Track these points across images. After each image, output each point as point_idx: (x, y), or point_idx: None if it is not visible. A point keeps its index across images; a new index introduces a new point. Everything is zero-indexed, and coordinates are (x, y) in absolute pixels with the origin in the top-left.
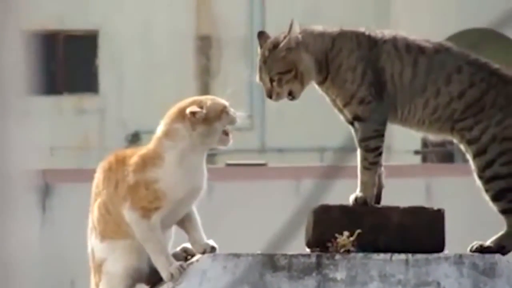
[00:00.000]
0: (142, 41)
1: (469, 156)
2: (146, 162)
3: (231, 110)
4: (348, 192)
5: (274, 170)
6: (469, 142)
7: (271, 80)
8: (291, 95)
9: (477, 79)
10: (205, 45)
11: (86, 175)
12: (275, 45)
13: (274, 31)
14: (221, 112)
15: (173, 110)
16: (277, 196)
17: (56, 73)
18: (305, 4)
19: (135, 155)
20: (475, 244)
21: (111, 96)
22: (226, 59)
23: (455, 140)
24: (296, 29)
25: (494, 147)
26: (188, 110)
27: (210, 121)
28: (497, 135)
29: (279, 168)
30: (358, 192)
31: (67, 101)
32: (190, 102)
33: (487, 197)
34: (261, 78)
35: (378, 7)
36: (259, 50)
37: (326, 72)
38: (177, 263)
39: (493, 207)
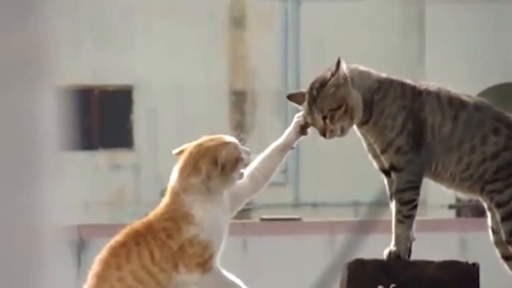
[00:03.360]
0: (176, 96)
1: (497, 219)
2: (178, 224)
3: (245, 156)
4: (382, 246)
5: (308, 224)
6: (497, 205)
7: (324, 118)
8: (342, 131)
9: None
10: (239, 100)
11: (121, 231)
12: (323, 83)
13: (308, 84)
14: (236, 161)
15: (187, 163)
16: (312, 250)
17: (91, 129)
18: (339, 55)
19: (158, 219)
20: None
21: (146, 151)
22: (260, 113)
23: (484, 202)
24: (344, 66)
25: None
26: (203, 169)
27: (226, 172)
28: None
29: (314, 222)
30: (392, 246)
31: (102, 157)
32: (203, 152)
33: (499, 254)
34: (313, 119)
35: (411, 59)
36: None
37: (369, 114)
38: None
39: None
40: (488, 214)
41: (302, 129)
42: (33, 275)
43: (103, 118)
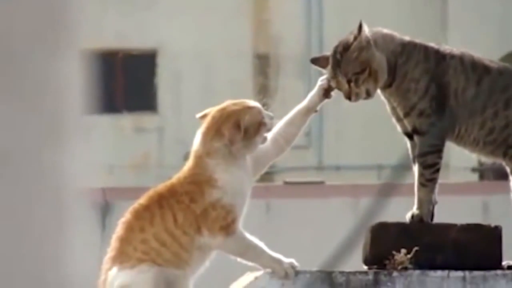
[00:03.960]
0: (200, 60)
1: None
2: (202, 187)
3: (268, 120)
4: (405, 210)
5: (331, 188)
6: None
7: (349, 82)
8: (368, 94)
9: None
10: (262, 64)
11: (145, 194)
12: (346, 47)
13: (332, 48)
14: (259, 126)
15: (210, 127)
16: (335, 214)
17: (115, 92)
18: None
19: (181, 183)
20: None
21: (170, 114)
22: (284, 77)
23: (507, 166)
24: (366, 29)
25: None
26: (226, 133)
27: (249, 136)
28: None
29: (337, 186)
30: (414, 210)
31: (126, 120)
32: (226, 116)
33: None
34: (337, 82)
35: (434, 26)
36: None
37: (392, 77)
38: (288, 261)
39: None
40: (511, 177)
41: (326, 93)
42: (58, 237)
43: (127, 81)
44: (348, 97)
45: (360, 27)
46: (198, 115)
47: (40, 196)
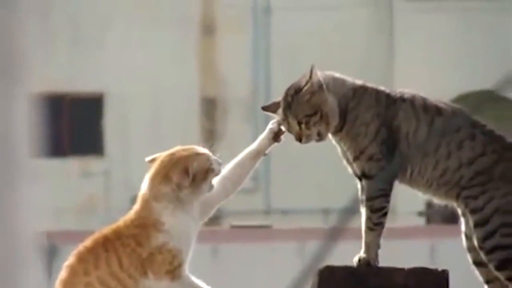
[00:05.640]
0: (147, 103)
1: (470, 225)
2: (148, 231)
3: (216, 167)
4: (352, 253)
5: (279, 232)
6: (472, 211)
7: (299, 123)
8: (319, 137)
9: (489, 149)
10: (210, 107)
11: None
12: (298, 90)
13: (279, 92)
14: (207, 172)
15: (158, 171)
16: (282, 257)
17: (62, 135)
18: (309, 64)
19: (127, 226)
20: None
21: (117, 158)
22: (231, 120)
23: (458, 209)
24: (317, 73)
25: (496, 219)
26: (174, 179)
27: (197, 182)
28: (501, 207)
29: (284, 229)
30: (362, 253)
31: (73, 163)
32: (175, 162)
33: (470, 260)
34: (288, 124)
35: (381, 66)
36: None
37: (343, 121)
38: None
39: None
40: (462, 220)
41: (276, 136)
42: (3, 281)
43: (74, 124)
44: (299, 139)
45: (311, 71)
46: (147, 158)
47: None
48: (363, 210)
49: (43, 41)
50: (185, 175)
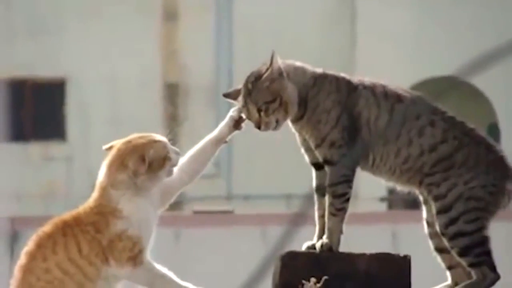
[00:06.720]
0: (109, 89)
1: (432, 212)
2: (107, 218)
3: (173, 155)
4: (314, 239)
5: (240, 217)
6: (435, 198)
7: (259, 111)
8: (277, 124)
9: (450, 136)
10: (172, 93)
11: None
12: (258, 77)
13: (241, 78)
14: (164, 160)
15: (115, 159)
16: (244, 243)
17: (23, 120)
18: (272, 50)
19: (86, 213)
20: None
21: (79, 143)
22: (193, 106)
23: (421, 195)
24: (278, 61)
25: (459, 205)
26: (130, 166)
27: (153, 170)
28: (463, 194)
29: (246, 215)
30: (324, 239)
31: (34, 149)
32: (131, 149)
33: (432, 246)
34: (248, 111)
35: (342, 54)
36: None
37: (304, 109)
38: None
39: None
40: (424, 207)
41: (236, 124)
42: None
43: (36, 110)
44: (258, 126)
45: (272, 58)
46: (105, 146)
47: None
48: (316, 196)
49: (3, 27)
50: (141, 162)
